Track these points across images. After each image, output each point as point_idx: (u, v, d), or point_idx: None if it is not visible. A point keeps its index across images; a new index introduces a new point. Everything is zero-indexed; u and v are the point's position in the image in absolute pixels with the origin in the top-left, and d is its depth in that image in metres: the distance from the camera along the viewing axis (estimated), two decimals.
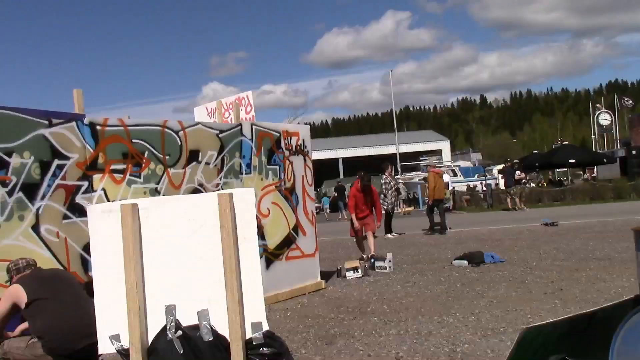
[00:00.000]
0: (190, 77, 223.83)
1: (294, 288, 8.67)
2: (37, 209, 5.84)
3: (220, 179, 7.73)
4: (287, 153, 8.80)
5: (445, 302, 7.47)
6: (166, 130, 7.12)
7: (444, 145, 65.23)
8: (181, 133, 7.28)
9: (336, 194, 30.95)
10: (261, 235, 8.23)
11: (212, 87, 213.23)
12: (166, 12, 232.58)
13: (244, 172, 8.07)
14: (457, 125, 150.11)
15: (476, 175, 41.83)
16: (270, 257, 8.35)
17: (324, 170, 57.12)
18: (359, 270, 10.01)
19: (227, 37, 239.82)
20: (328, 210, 34.41)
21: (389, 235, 16.27)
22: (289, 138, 8.85)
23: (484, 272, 9.48)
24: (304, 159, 9.17)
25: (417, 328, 6.24)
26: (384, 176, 16.45)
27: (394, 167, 50.47)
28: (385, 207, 16.43)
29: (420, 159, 55.59)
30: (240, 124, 8.15)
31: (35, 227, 5.81)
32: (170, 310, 2.89)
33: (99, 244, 2.99)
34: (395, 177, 42.40)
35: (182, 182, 7.24)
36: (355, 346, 5.77)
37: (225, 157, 7.81)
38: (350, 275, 9.96)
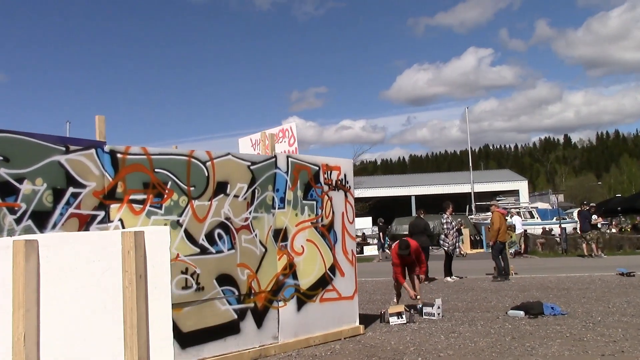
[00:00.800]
0: (270, 111, 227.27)
1: (329, 332, 8.14)
2: None
3: (250, 213, 7.36)
4: (326, 188, 8.37)
5: (487, 359, 6.75)
6: (192, 160, 6.84)
7: (522, 186, 62.95)
8: (209, 164, 6.99)
9: (380, 233, 30.24)
10: (293, 274, 7.79)
11: (291, 122, 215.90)
12: (248, 45, 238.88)
13: (276, 207, 7.68)
14: (538, 165, 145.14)
15: (555, 217, 39.83)
16: (302, 297, 7.87)
17: (396, 207, 56.25)
18: (403, 316, 9.36)
19: (308, 73, 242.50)
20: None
21: (449, 279, 15.43)
22: (328, 172, 8.42)
23: (540, 325, 8.63)
24: (345, 195, 8.70)
25: None
26: (445, 216, 15.69)
27: (468, 206, 49.26)
28: (445, 248, 15.66)
29: (497, 199, 53.77)
30: (275, 156, 7.79)
31: None
32: None
33: None
34: (469, 217, 41.10)
35: (207, 215, 6.91)
36: None
37: (256, 190, 7.45)
38: (393, 321, 9.33)
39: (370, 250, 44.11)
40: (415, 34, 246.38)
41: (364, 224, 47.38)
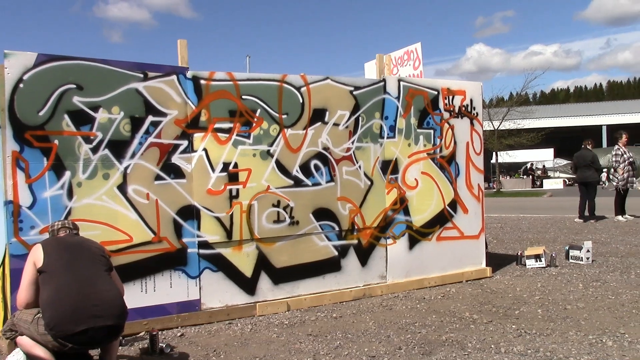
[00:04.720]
0: (454, 39, 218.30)
1: (447, 274, 7.41)
2: (125, 168, 5.49)
3: (353, 142, 6.74)
4: (446, 115, 7.44)
5: (624, 316, 5.64)
6: (285, 85, 6.32)
7: None
8: (304, 89, 6.43)
9: None
10: (404, 209, 7.10)
11: (476, 49, 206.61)
12: None
13: (385, 136, 6.97)
14: None
15: None
16: (415, 235, 7.18)
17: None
18: (542, 259, 8.29)
19: None
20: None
21: (620, 218, 13.63)
22: (450, 97, 7.46)
23: None
24: (471, 123, 7.69)
25: (553, 349, 4.69)
26: (616, 147, 13.72)
27: None
28: (615, 183, 13.81)
29: None
30: (384, 80, 7.01)
31: (122, 187, 5.47)
32: None
33: None
34: None
35: (302, 145, 6.41)
36: None
37: (360, 118, 6.78)
38: (530, 264, 8.31)
39: (551, 184, 41.29)
40: None
41: (544, 156, 44.31)
